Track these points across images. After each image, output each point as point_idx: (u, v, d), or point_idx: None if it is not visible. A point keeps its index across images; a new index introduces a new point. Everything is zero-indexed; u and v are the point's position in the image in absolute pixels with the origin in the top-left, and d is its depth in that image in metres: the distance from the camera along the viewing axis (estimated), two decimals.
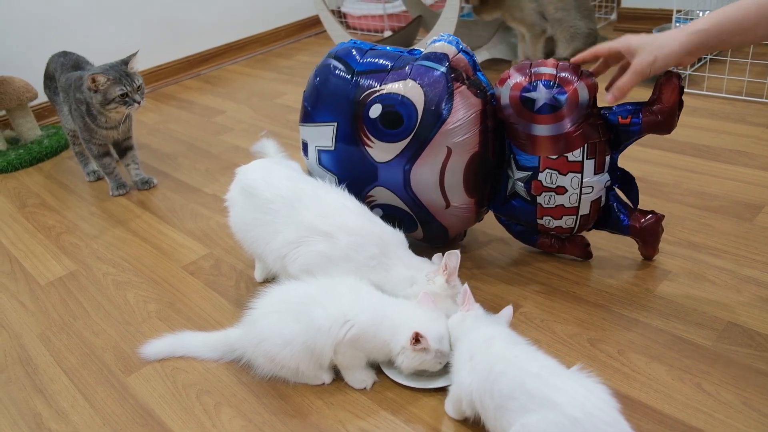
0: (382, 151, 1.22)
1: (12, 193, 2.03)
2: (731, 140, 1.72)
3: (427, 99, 1.17)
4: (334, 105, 1.24)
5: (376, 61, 1.24)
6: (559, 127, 1.13)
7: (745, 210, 1.41)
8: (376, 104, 1.19)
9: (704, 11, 2.41)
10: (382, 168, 1.23)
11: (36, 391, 1.17)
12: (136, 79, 1.76)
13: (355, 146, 1.24)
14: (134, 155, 1.95)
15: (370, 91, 1.21)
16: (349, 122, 1.23)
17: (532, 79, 1.13)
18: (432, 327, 1.01)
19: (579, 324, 1.15)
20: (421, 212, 1.27)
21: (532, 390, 0.83)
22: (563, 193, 1.18)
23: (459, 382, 0.94)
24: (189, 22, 3.00)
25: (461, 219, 1.30)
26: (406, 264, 1.13)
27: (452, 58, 1.19)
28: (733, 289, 1.18)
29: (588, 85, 1.12)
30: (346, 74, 1.24)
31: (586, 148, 1.14)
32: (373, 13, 3.21)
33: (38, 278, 1.53)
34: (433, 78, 1.17)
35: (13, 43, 2.48)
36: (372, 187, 1.25)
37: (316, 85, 1.28)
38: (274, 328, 1.05)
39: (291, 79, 2.80)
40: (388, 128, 1.19)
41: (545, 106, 1.12)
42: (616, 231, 1.25)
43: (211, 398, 1.09)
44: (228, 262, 1.49)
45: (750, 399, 0.96)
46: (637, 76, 1.05)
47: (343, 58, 1.26)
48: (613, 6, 2.94)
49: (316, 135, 1.29)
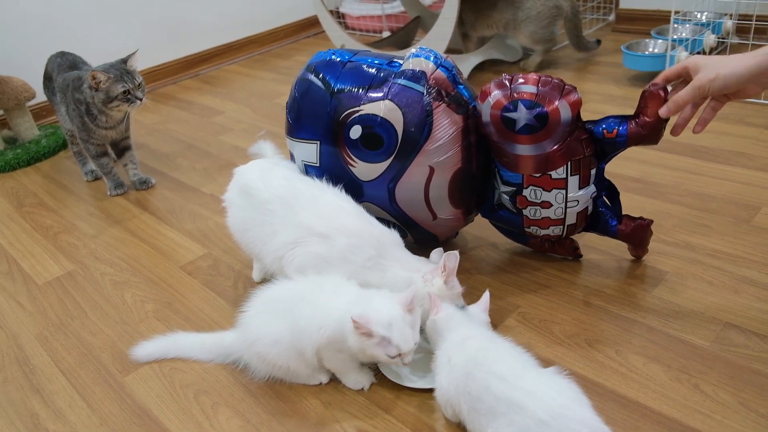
0: (365, 170, 1.21)
1: (10, 193, 2.02)
2: (730, 141, 1.72)
3: (406, 120, 1.15)
4: (315, 123, 1.23)
5: (354, 79, 1.21)
6: (540, 148, 1.11)
7: (744, 211, 1.41)
8: (356, 125, 1.18)
9: (703, 12, 2.41)
10: (367, 186, 1.23)
11: (33, 391, 1.17)
12: (137, 76, 1.76)
13: (338, 165, 1.23)
14: (132, 155, 1.94)
15: (349, 111, 1.19)
16: (331, 141, 1.22)
17: (513, 98, 1.10)
18: (382, 313, 0.96)
19: (577, 324, 1.15)
20: (409, 223, 1.28)
21: (498, 393, 0.83)
22: (548, 207, 1.18)
23: (439, 386, 0.94)
24: (188, 22, 3.00)
25: (449, 227, 1.31)
26: (403, 265, 1.12)
27: (430, 76, 1.17)
28: (731, 290, 1.18)
29: (570, 103, 1.08)
30: (325, 92, 1.21)
31: (570, 165, 1.13)
32: (371, 14, 3.22)
33: (36, 278, 1.53)
34: (411, 99, 1.15)
35: (12, 42, 2.48)
36: (359, 202, 1.22)
37: (296, 99, 1.27)
38: (263, 327, 1.05)
39: (289, 80, 2.80)
40: (370, 149, 1.18)
41: (525, 127, 1.10)
42: (605, 234, 1.25)
43: (208, 398, 1.09)
44: (226, 262, 1.48)
45: (747, 399, 0.96)
46: (695, 91, 1.00)
47: (322, 72, 1.24)
48: (611, 7, 2.94)
49: (301, 150, 1.28)
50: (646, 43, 2.29)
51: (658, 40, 2.26)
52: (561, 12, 2.31)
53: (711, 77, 0.97)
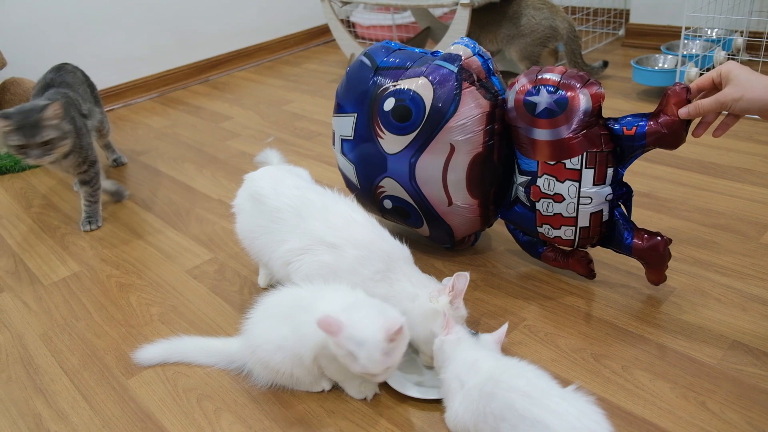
0: (391, 143, 1.27)
1: (18, 194, 2.03)
2: (739, 158, 1.72)
3: (435, 96, 1.21)
4: (357, 97, 1.33)
5: (398, 60, 1.31)
6: (556, 133, 1.12)
7: (752, 228, 1.41)
8: (390, 98, 1.25)
9: (714, 29, 2.42)
10: (391, 159, 1.28)
11: (36, 392, 1.16)
12: (46, 132, 1.50)
13: (369, 137, 1.31)
14: (87, 191, 1.72)
15: (386, 85, 1.28)
16: (366, 114, 1.30)
17: (537, 82, 1.13)
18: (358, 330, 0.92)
19: (583, 339, 1.14)
20: (425, 206, 1.31)
21: (523, 411, 0.81)
22: (561, 201, 1.17)
23: (453, 414, 0.92)
24: (199, 28, 3.02)
25: (465, 219, 1.32)
26: (410, 280, 1.11)
27: (465, 60, 1.23)
28: (739, 308, 1.17)
29: (592, 94, 1.10)
30: (370, 68, 1.32)
31: (585, 156, 1.13)
32: (381, 24, 3.23)
33: (42, 278, 1.53)
34: (443, 76, 1.22)
35: (24, 45, 2.50)
36: (382, 177, 1.31)
37: (346, 77, 1.38)
38: (266, 333, 1.05)
39: (298, 87, 2.81)
40: (398, 121, 1.25)
41: (545, 111, 1.12)
42: (620, 250, 1.21)
43: (211, 403, 1.09)
44: (232, 267, 1.49)
45: (755, 419, 0.95)
46: (718, 105, 0.99)
47: (372, 54, 1.35)
48: (621, 22, 2.95)
49: (340, 125, 1.37)
50: (656, 59, 2.29)
51: (668, 56, 2.27)
52: (556, 34, 2.29)
53: (736, 97, 0.97)
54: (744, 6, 2.35)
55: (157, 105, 2.79)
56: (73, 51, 2.61)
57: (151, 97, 2.90)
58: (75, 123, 1.66)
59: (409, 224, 1.39)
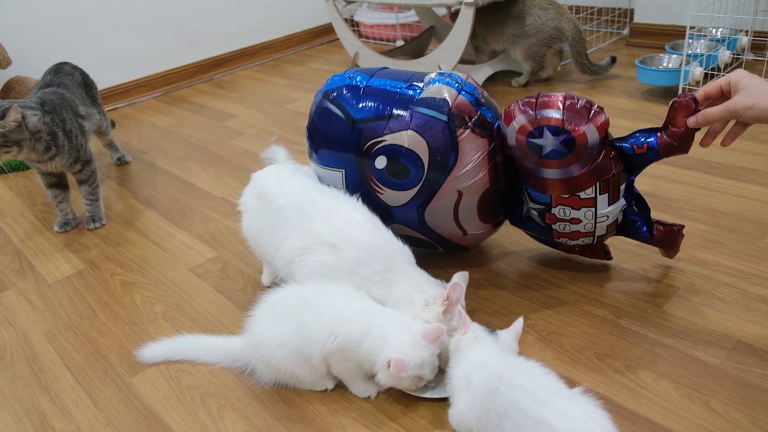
0: (393, 198, 1.22)
1: (23, 192, 2.04)
2: (743, 158, 1.71)
3: (431, 149, 1.15)
4: (339, 153, 1.23)
5: (373, 105, 1.19)
6: (568, 172, 1.10)
7: (756, 228, 1.40)
8: (381, 156, 1.18)
9: (718, 28, 2.41)
10: (396, 210, 1.24)
11: (41, 389, 1.17)
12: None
13: (366, 192, 1.23)
14: (87, 190, 1.73)
15: (372, 141, 1.18)
16: (356, 170, 1.23)
17: (538, 123, 1.08)
18: (412, 353, 0.97)
19: (587, 338, 1.14)
20: (439, 239, 1.29)
21: (527, 409, 0.81)
22: (578, 223, 1.18)
23: (458, 410, 0.92)
24: (203, 27, 3.03)
25: (480, 238, 1.33)
26: (410, 282, 1.11)
27: (453, 104, 1.14)
28: (743, 308, 1.17)
29: (597, 126, 1.06)
30: (346, 122, 1.20)
31: (599, 185, 1.12)
32: (385, 23, 3.23)
33: (46, 276, 1.54)
34: (435, 128, 1.14)
35: (29, 44, 2.50)
36: (390, 223, 1.22)
37: (317, 127, 1.25)
38: (268, 331, 1.05)
39: (302, 86, 2.82)
40: (397, 179, 1.19)
41: (552, 152, 1.08)
42: (636, 239, 1.25)
43: (215, 401, 1.09)
44: (236, 265, 1.49)
45: (759, 418, 0.94)
46: (728, 113, 0.97)
47: (341, 103, 1.22)
48: (625, 21, 2.94)
49: (326, 176, 1.28)
50: (660, 58, 2.29)
51: (673, 55, 2.26)
52: (562, 34, 2.30)
53: (748, 105, 0.95)
54: (749, 5, 2.35)
55: (161, 104, 2.80)
56: (78, 50, 2.62)
57: (155, 95, 2.90)
58: (64, 124, 1.65)
59: (425, 249, 1.36)
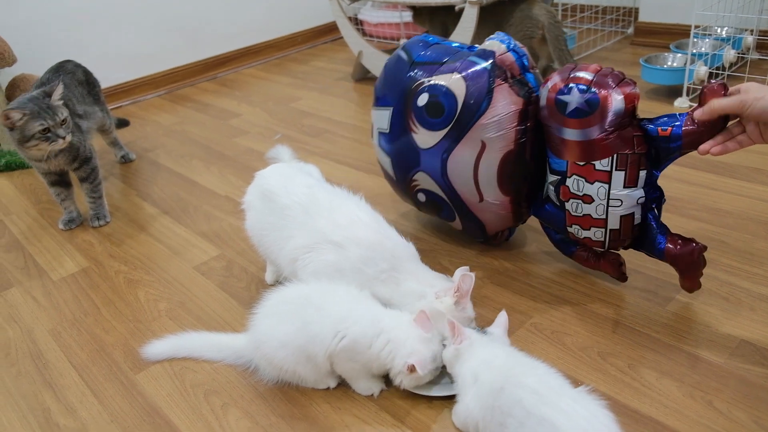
0: (424, 138, 1.29)
1: (27, 189, 2.05)
2: (748, 157, 1.71)
3: (468, 92, 1.21)
4: (393, 90, 1.35)
5: (434, 54, 1.31)
6: (587, 133, 1.10)
7: (761, 228, 1.40)
8: (424, 93, 1.27)
9: (723, 27, 2.40)
10: (424, 154, 1.30)
11: (45, 386, 1.17)
12: (60, 112, 1.57)
13: (404, 131, 1.32)
14: (90, 187, 1.73)
15: (421, 80, 1.29)
16: (402, 108, 1.32)
17: (569, 81, 1.11)
18: (425, 350, 0.99)
19: (589, 337, 1.14)
20: (457, 201, 1.32)
21: (530, 407, 0.81)
22: (590, 202, 1.15)
23: (464, 406, 0.92)
24: (207, 26, 3.03)
25: (497, 216, 1.32)
26: (417, 278, 1.12)
27: (498, 56, 1.22)
28: (747, 307, 1.17)
29: (626, 95, 1.07)
30: (407, 62, 1.34)
31: (616, 158, 1.10)
32: (389, 21, 3.23)
33: (51, 274, 1.54)
34: (476, 72, 1.22)
35: (33, 42, 2.51)
36: (416, 171, 1.33)
37: (384, 70, 1.40)
38: (270, 330, 1.05)
39: (306, 84, 2.82)
40: (432, 117, 1.26)
41: (575, 110, 1.10)
42: (652, 254, 1.19)
43: (218, 398, 1.10)
44: (240, 263, 1.49)
45: (762, 418, 0.94)
46: (738, 103, 0.96)
47: (409, 48, 1.36)
48: (629, 20, 2.94)
49: (378, 118, 1.39)
50: (664, 57, 2.28)
51: (677, 54, 2.26)
52: (535, 23, 2.20)
53: (759, 96, 0.94)
54: (754, 4, 2.34)
55: (165, 102, 2.80)
56: (82, 48, 2.63)
57: (159, 94, 2.91)
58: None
59: (443, 217, 1.41)
